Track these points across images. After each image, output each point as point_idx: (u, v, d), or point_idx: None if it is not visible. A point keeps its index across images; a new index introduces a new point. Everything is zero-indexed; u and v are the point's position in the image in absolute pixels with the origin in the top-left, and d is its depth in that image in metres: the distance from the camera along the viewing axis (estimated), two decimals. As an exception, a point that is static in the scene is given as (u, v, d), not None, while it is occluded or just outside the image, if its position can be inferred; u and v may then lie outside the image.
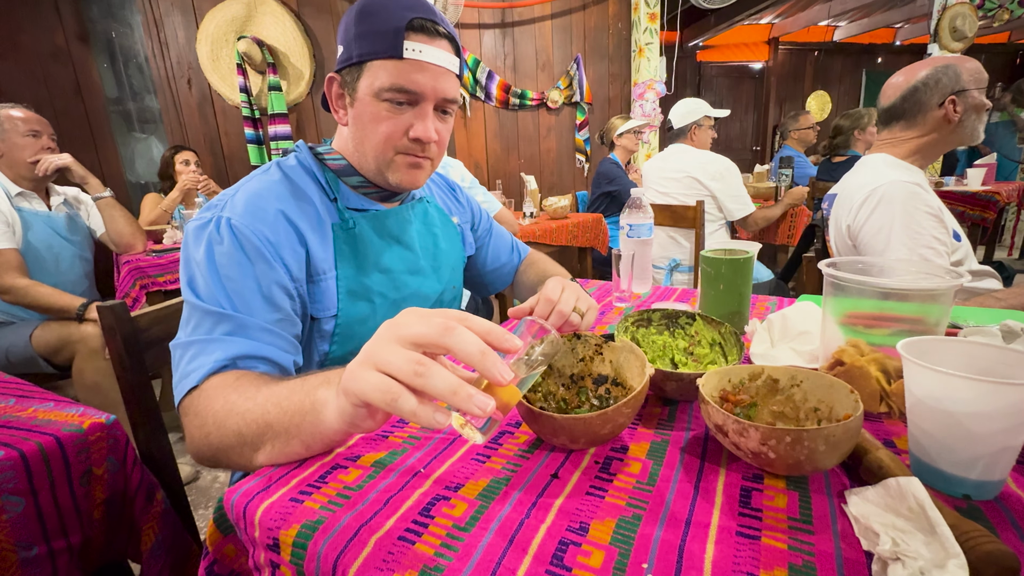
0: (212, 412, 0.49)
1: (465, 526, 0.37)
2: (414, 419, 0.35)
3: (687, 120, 2.03)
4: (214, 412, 0.49)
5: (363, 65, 0.62)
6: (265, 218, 0.61)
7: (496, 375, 0.35)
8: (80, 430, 0.57)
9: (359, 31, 0.61)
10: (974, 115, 1.03)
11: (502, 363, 0.35)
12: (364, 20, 0.61)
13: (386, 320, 0.39)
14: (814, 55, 6.17)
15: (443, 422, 0.35)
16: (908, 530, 0.32)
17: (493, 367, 0.35)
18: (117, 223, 1.68)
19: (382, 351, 0.37)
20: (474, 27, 3.08)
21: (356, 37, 0.62)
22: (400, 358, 0.36)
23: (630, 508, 0.38)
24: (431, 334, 0.36)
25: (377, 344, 0.37)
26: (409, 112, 0.64)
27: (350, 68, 0.63)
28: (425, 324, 0.37)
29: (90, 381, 1.41)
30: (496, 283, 0.96)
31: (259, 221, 0.60)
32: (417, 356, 0.36)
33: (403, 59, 0.60)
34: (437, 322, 0.36)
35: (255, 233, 0.59)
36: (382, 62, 0.61)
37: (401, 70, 0.61)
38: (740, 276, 0.71)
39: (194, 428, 0.50)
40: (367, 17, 0.61)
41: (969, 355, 0.40)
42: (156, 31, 2.51)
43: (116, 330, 0.68)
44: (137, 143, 2.60)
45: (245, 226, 0.59)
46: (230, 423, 0.47)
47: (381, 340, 0.38)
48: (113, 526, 0.61)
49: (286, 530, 0.37)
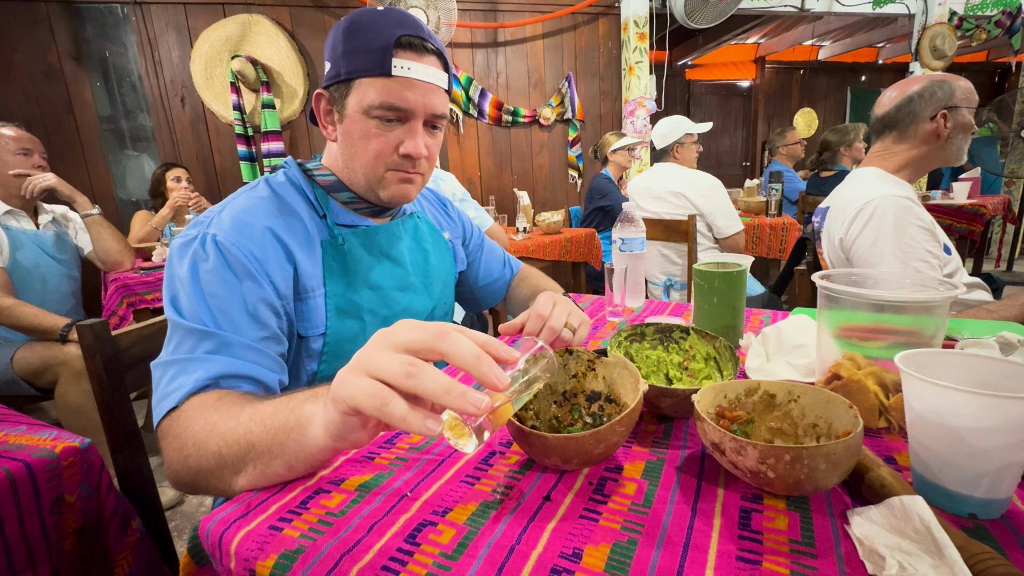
0: (192, 433, 0.47)
1: (452, 554, 0.35)
2: (404, 425, 0.34)
3: (668, 140, 2.05)
4: (194, 433, 0.47)
5: (351, 82, 0.62)
6: (252, 235, 0.60)
7: (492, 378, 0.34)
8: (52, 455, 0.55)
9: (347, 48, 0.61)
10: (961, 134, 1.04)
11: (498, 367, 0.34)
12: (352, 37, 0.61)
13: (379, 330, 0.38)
14: (800, 73, 6.32)
15: (434, 428, 0.34)
16: (915, 553, 0.31)
17: (489, 370, 0.34)
18: (105, 241, 1.66)
19: (374, 356, 0.36)
20: (467, 46, 3.12)
21: (344, 54, 0.61)
22: (392, 362, 0.35)
23: (625, 532, 0.36)
24: (425, 339, 0.35)
25: (369, 350, 0.36)
26: (399, 129, 0.63)
27: (338, 85, 0.63)
28: (419, 330, 0.36)
29: (74, 404, 1.37)
30: (488, 298, 0.95)
31: (246, 237, 0.59)
32: (409, 359, 0.35)
33: (392, 77, 0.60)
34: (432, 328, 0.36)
35: (241, 250, 0.58)
36: (371, 80, 0.61)
37: (390, 88, 0.61)
38: (734, 289, 0.70)
39: (172, 451, 0.48)
40: (355, 34, 0.61)
41: (968, 368, 0.39)
42: (150, 50, 2.53)
43: (96, 349, 0.66)
44: (129, 161, 2.59)
45: (231, 243, 0.57)
46: (210, 444, 0.45)
47: (374, 346, 0.37)
48: (85, 557, 0.58)
49: (263, 560, 0.35)
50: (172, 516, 1.48)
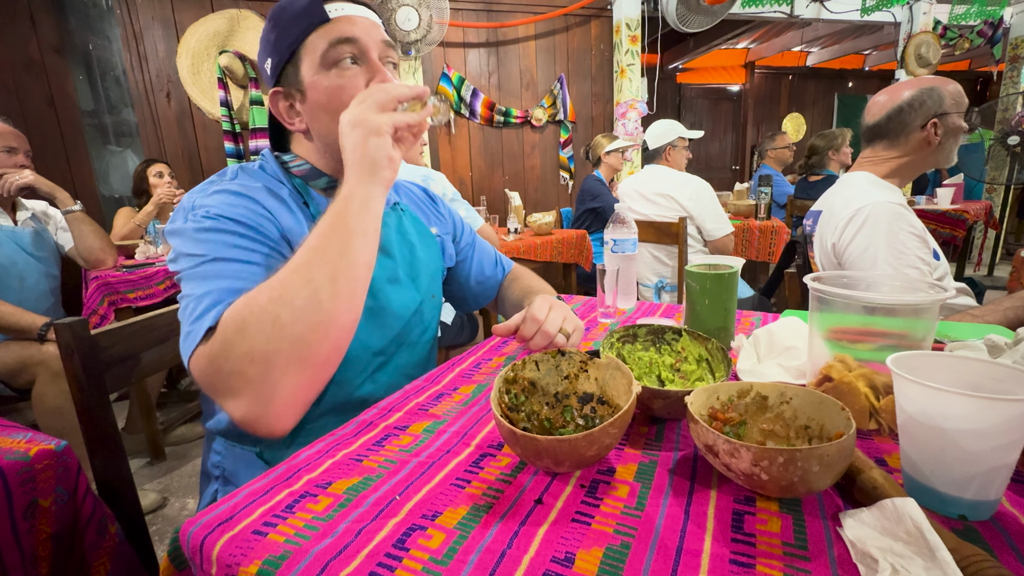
0: (258, 305, 0.47)
1: (442, 559, 0.34)
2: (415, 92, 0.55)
3: (662, 141, 2.06)
4: (260, 304, 0.47)
5: (296, 53, 0.62)
6: (246, 205, 0.59)
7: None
8: (26, 458, 0.53)
9: (277, 31, 0.63)
10: (952, 139, 1.04)
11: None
12: (279, 17, 0.63)
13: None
14: (789, 79, 6.40)
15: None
16: (907, 555, 0.31)
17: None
18: (87, 238, 1.61)
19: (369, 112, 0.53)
20: (459, 46, 3.11)
21: (277, 37, 0.63)
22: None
23: (618, 536, 0.36)
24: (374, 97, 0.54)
25: (358, 114, 0.53)
26: (361, 69, 0.63)
27: (286, 69, 0.63)
28: (368, 96, 0.54)
29: (51, 406, 1.33)
30: (480, 297, 0.94)
31: (241, 207, 0.58)
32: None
33: (331, 20, 0.61)
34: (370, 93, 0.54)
35: (240, 215, 0.57)
36: (313, 35, 0.61)
37: (334, 27, 0.61)
38: (725, 291, 0.70)
39: (250, 334, 0.46)
40: (280, 13, 0.63)
41: (958, 370, 0.39)
42: (135, 44, 2.48)
43: (74, 349, 0.64)
44: (112, 156, 2.53)
45: (227, 212, 0.56)
46: (289, 286, 0.48)
47: (360, 111, 0.53)
48: (60, 563, 0.56)
49: (246, 566, 0.34)
50: (153, 520, 1.44)
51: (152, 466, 1.72)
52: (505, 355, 0.75)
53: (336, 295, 0.49)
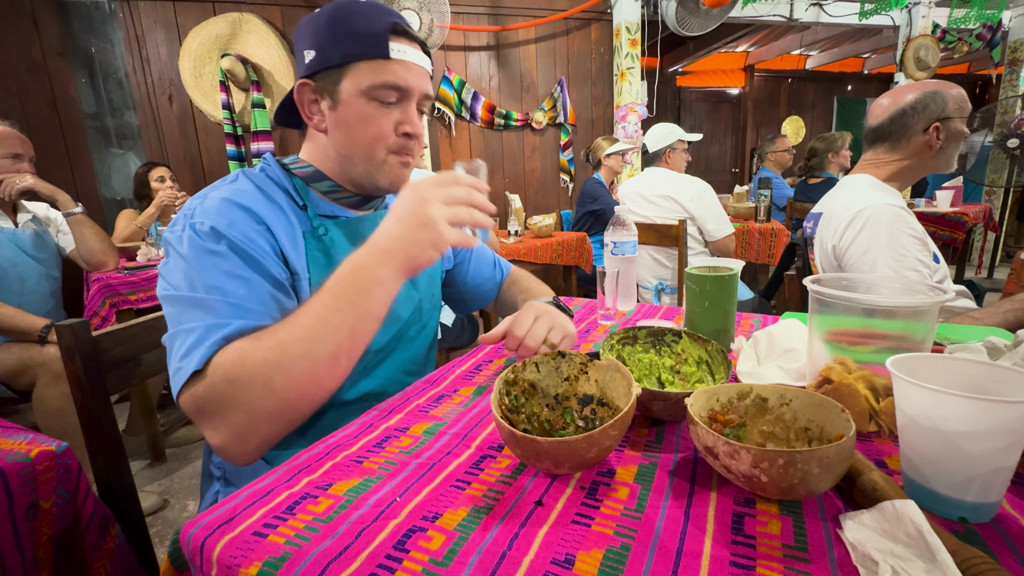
0: (260, 358, 0.48)
1: (442, 561, 0.34)
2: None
3: (662, 144, 2.07)
4: (262, 357, 0.48)
5: (345, 67, 0.62)
6: (243, 219, 0.59)
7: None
8: (27, 459, 0.53)
9: (337, 34, 0.62)
10: (953, 144, 1.04)
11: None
12: (341, 24, 0.62)
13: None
14: (788, 82, 6.42)
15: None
16: (907, 557, 0.31)
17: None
18: (88, 240, 1.62)
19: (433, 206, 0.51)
20: (460, 49, 3.12)
21: (333, 40, 0.62)
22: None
23: (618, 537, 0.36)
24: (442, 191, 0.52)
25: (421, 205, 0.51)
26: (396, 110, 0.64)
27: (327, 71, 0.63)
28: (438, 186, 0.52)
29: (52, 407, 1.33)
30: (479, 300, 0.94)
31: (238, 221, 0.58)
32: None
33: (391, 59, 0.62)
34: (441, 182, 0.53)
35: (237, 232, 0.57)
36: (369, 63, 0.62)
37: (391, 69, 0.62)
38: (725, 293, 0.71)
39: (239, 387, 0.47)
40: (344, 20, 0.62)
41: (958, 372, 0.39)
42: (138, 47, 2.49)
43: (75, 351, 0.64)
44: (114, 159, 2.54)
45: (224, 227, 0.57)
46: (293, 345, 0.48)
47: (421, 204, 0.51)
48: (61, 565, 0.56)
49: (246, 568, 0.34)
50: (154, 522, 1.44)
51: (153, 468, 1.71)
52: (505, 357, 0.75)
53: (334, 370, 0.50)
